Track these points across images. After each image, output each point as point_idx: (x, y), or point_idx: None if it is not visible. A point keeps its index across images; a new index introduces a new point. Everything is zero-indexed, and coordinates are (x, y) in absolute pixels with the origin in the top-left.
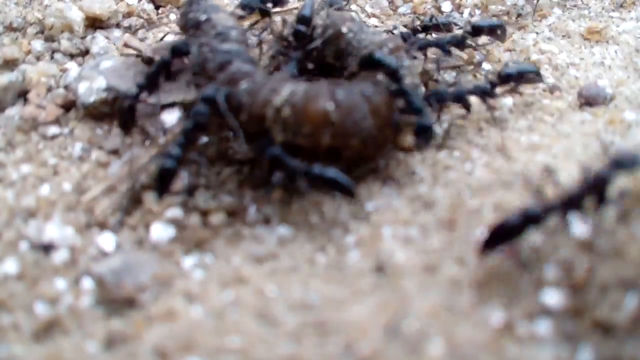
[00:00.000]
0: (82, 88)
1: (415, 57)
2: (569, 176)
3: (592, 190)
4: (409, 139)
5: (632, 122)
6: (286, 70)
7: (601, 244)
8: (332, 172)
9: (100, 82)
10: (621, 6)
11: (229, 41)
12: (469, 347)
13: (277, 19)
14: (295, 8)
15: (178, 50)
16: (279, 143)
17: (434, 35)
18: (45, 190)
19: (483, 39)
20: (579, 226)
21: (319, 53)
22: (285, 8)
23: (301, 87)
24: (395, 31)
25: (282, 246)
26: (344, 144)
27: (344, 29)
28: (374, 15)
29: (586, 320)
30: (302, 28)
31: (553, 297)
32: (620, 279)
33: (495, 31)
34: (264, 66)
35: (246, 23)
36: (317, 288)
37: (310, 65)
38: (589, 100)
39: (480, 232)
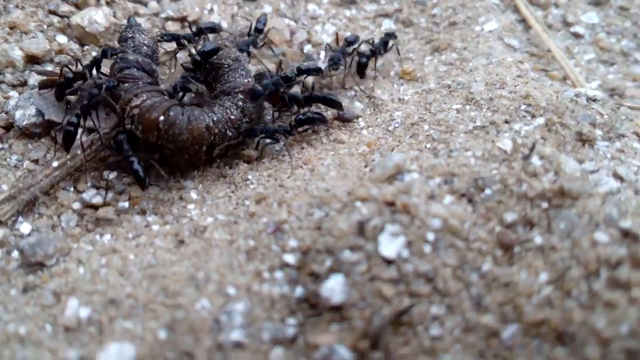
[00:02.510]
0: (18, 114)
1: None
2: None
3: None
4: (251, 153)
5: None
6: (175, 82)
7: (325, 227)
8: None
9: (31, 111)
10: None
11: (138, 54)
12: (231, 287)
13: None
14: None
15: (104, 53)
16: (127, 131)
17: None
18: None
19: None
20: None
21: (206, 73)
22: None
23: (152, 100)
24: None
25: (147, 229)
26: (164, 145)
27: (225, 64)
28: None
29: (304, 271)
30: (198, 58)
31: (291, 258)
32: (326, 247)
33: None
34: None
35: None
36: (160, 255)
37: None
38: None
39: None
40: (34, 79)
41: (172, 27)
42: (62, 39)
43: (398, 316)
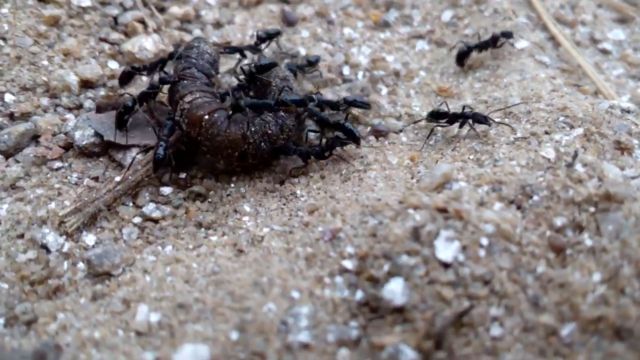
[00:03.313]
0: (77, 135)
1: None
2: None
3: None
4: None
5: None
6: (229, 90)
7: (380, 234)
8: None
9: (90, 131)
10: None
11: (199, 58)
12: (295, 291)
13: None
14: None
15: (170, 55)
16: (176, 121)
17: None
18: (52, 205)
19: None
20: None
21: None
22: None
23: (203, 99)
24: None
25: (206, 240)
26: (202, 142)
27: (273, 82)
28: None
29: (363, 276)
30: (254, 71)
31: (349, 263)
32: (383, 252)
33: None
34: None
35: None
36: (222, 263)
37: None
38: None
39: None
40: (89, 102)
41: None
42: (113, 64)
43: (459, 317)
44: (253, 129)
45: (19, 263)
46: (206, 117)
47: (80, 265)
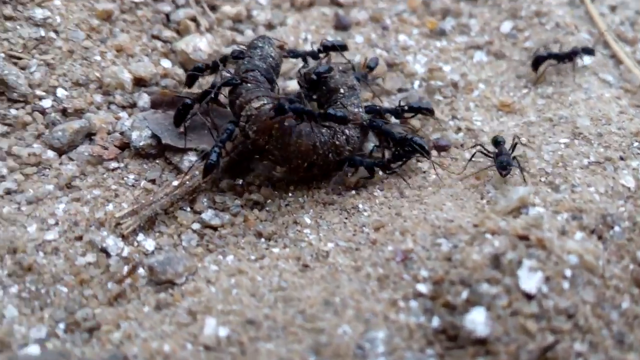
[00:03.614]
0: (134, 135)
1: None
2: None
3: None
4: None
5: None
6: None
7: (456, 258)
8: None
9: (147, 132)
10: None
11: (263, 61)
12: (369, 314)
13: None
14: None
15: (233, 53)
16: (240, 127)
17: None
18: (109, 207)
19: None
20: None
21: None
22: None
23: (271, 105)
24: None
25: (268, 251)
26: (270, 150)
27: (341, 90)
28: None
29: (439, 302)
30: (314, 77)
31: (424, 287)
32: (460, 278)
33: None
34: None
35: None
36: (287, 278)
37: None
38: None
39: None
40: (143, 100)
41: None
42: (166, 63)
43: (544, 352)
44: (322, 140)
45: (78, 266)
46: (276, 125)
47: (141, 271)
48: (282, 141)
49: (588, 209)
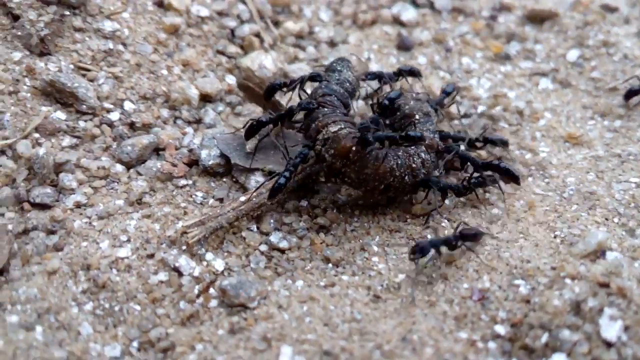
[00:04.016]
0: (203, 154)
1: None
2: None
3: None
4: (419, 208)
5: None
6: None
7: (535, 301)
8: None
9: (216, 151)
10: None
11: (340, 86)
12: (448, 354)
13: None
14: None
15: (312, 76)
16: (316, 151)
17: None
18: (179, 225)
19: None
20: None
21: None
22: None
23: (348, 129)
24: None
25: (337, 278)
26: (347, 174)
27: (416, 116)
28: None
29: (518, 344)
30: (387, 103)
31: (502, 329)
32: (540, 322)
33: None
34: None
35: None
36: (360, 309)
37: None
38: None
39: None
40: (209, 117)
41: None
42: (230, 79)
43: None
44: (399, 162)
45: (150, 284)
46: (354, 148)
47: (212, 291)
48: (359, 164)
49: None
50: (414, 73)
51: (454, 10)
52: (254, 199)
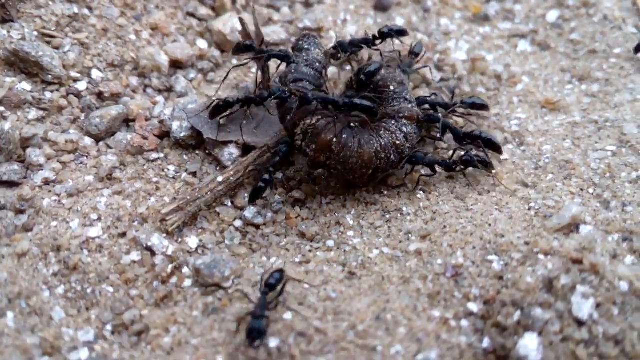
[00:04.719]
0: (174, 126)
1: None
2: None
3: None
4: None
5: None
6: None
7: (508, 278)
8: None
9: (187, 123)
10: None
11: (310, 68)
12: (422, 333)
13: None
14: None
15: (281, 56)
16: (297, 147)
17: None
18: (152, 201)
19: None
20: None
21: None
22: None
23: (325, 120)
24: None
25: (312, 254)
26: (332, 165)
27: (391, 87)
28: None
29: (490, 322)
30: (364, 79)
31: (475, 307)
32: (512, 300)
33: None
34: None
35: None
36: (335, 286)
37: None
38: None
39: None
40: (180, 85)
41: None
42: (202, 43)
43: None
44: (383, 143)
45: (123, 265)
46: (334, 140)
47: (186, 270)
48: (343, 155)
49: (638, 231)
50: (395, 33)
51: None
52: (232, 178)
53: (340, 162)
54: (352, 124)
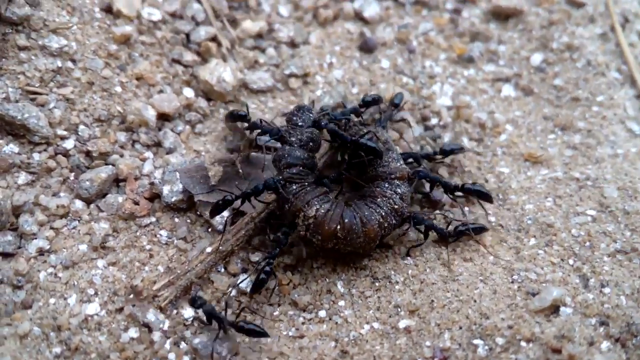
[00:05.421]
0: (165, 190)
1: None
2: None
3: None
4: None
5: None
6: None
7: None
8: None
9: (178, 186)
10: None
11: (303, 149)
12: None
13: None
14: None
15: (275, 134)
16: (300, 236)
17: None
18: (146, 270)
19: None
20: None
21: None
22: None
23: (324, 207)
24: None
25: (305, 327)
26: (342, 249)
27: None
28: None
29: None
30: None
31: None
32: None
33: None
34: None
35: None
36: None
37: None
38: None
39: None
40: (169, 141)
41: (295, 83)
42: (188, 92)
43: None
44: (384, 213)
45: (122, 343)
46: (339, 227)
47: (183, 346)
48: (350, 238)
49: (615, 316)
50: (377, 101)
51: (417, 3)
52: (222, 247)
53: (349, 244)
54: (350, 203)
